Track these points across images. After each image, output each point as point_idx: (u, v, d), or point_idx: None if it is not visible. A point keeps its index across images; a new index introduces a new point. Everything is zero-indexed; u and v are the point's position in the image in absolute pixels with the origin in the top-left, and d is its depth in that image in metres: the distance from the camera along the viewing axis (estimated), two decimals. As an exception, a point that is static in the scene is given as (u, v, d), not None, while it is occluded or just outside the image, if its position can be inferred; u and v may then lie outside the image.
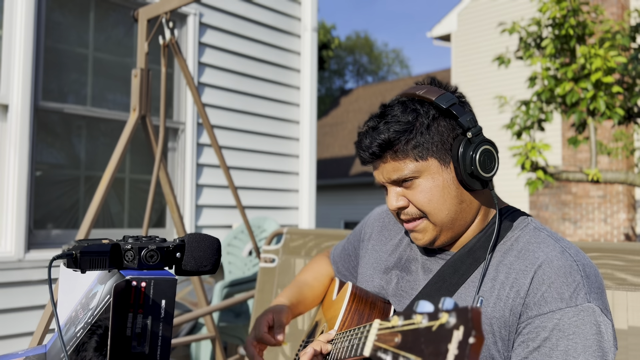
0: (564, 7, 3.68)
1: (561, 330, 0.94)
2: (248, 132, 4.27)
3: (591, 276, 1.00)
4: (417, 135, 1.04)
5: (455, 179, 1.06)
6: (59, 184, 3.38)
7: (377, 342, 0.69)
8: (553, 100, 3.85)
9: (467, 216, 1.08)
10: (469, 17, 11.24)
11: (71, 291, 0.98)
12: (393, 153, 1.05)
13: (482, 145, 1.04)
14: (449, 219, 1.06)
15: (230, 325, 3.27)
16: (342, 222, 14.36)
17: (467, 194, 1.07)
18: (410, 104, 1.06)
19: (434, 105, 1.05)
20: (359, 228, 1.42)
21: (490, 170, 1.05)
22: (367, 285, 1.25)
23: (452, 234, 1.09)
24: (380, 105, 1.11)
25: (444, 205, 1.05)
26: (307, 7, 4.67)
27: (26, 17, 3.09)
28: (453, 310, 0.59)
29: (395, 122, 1.04)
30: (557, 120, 7.94)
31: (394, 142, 1.04)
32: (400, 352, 0.63)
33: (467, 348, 0.55)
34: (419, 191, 1.06)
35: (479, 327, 0.56)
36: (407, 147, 1.04)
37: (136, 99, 2.33)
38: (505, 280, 1.02)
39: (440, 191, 1.05)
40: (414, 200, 1.07)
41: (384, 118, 1.06)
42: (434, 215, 1.06)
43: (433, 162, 1.05)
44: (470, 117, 1.04)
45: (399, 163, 1.05)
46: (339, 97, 18.56)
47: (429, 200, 1.05)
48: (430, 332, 0.60)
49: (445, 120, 1.05)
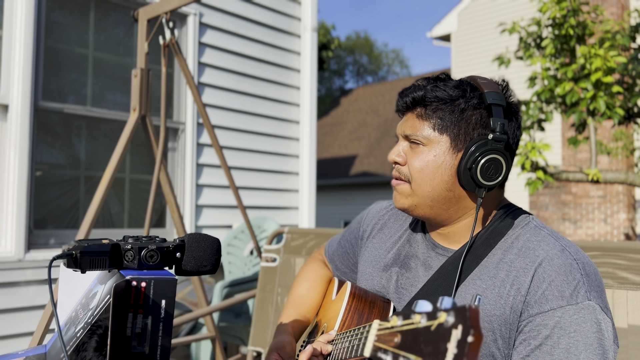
0: (564, 7, 3.68)
1: (562, 328, 0.95)
2: (248, 132, 4.27)
3: (591, 274, 1.01)
4: (447, 110, 1.06)
5: (455, 168, 1.07)
6: (59, 184, 3.38)
7: (377, 343, 0.69)
8: (553, 100, 3.85)
9: (451, 206, 1.09)
10: (469, 17, 11.24)
11: (71, 291, 0.98)
12: (421, 111, 1.09)
13: (494, 153, 1.04)
14: (429, 197, 1.08)
15: (230, 325, 3.27)
16: (342, 222, 14.36)
17: (459, 187, 1.08)
18: (465, 84, 1.09)
19: (481, 96, 1.07)
20: (355, 224, 1.41)
21: (490, 179, 1.04)
22: (367, 284, 1.25)
23: (431, 212, 1.10)
24: (443, 72, 1.15)
25: (431, 181, 1.07)
26: (307, 7, 4.67)
27: (26, 17, 3.09)
28: (451, 310, 0.59)
29: (442, 89, 1.07)
30: (557, 120, 7.94)
31: (427, 103, 1.07)
32: (400, 352, 0.63)
33: (466, 347, 0.55)
34: (418, 157, 1.08)
35: (477, 325, 0.56)
36: (433, 114, 1.07)
37: (136, 99, 2.33)
38: (506, 278, 1.03)
39: (434, 168, 1.07)
40: (410, 161, 1.09)
41: (437, 82, 1.10)
42: (417, 184, 1.08)
43: (445, 140, 1.06)
44: (503, 123, 1.04)
45: (419, 122, 1.08)
46: (339, 97, 18.56)
47: (421, 169, 1.07)
48: (429, 332, 0.60)
49: (482, 115, 1.07)
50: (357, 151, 14.94)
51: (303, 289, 1.41)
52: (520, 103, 3.98)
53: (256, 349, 2.21)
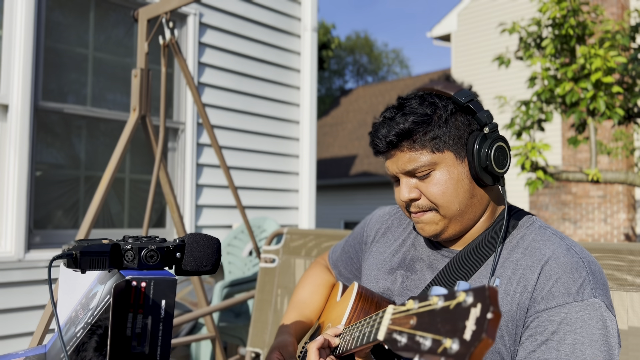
0: (564, 7, 3.68)
1: (568, 324, 0.96)
2: (248, 132, 4.27)
3: (596, 273, 1.02)
4: (435, 128, 1.06)
5: (469, 174, 1.07)
6: (59, 184, 3.38)
7: (392, 326, 0.69)
8: (553, 100, 3.85)
9: (477, 211, 1.10)
10: (469, 17, 11.24)
11: (71, 291, 0.98)
12: (410, 143, 1.06)
13: (497, 142, 1.07)
14: (459, 213, 1.08)
15: (230, 325, 3.27)
16: (342, 222, 14.35)
17: (478, 189, 1.09)
18: (429, 98, 1.09)
19: (452, 100, 1.08)
20: (359, 230, 1.42)
21: (503, 166, 1.07)
22: (372, 287, 1.25)
23: (460, 227, 1.10)
24: (397, 98, 1.13)
25: (456, 198, 1.07)
26: (307, 7, 4.67)
27: (26, 17, 3.09)
28: (470, 290, 0.59)
29: (413, 113, 1.06)
30: (557, 120, 7.94)
31: (413, 132, 1.06)
32: (416, 332, 0.63)
33: (485, 323, 0.55)
34: (434, 183, 1.07)
35: (496, 303, 0.56)
36: (425, 138, 1.06)
37: (136, 99, 2.33)
38: (512, 276, 1.04)
39: (454, 184, 1.06)
40: (427, 192, 1.07)
41: (401, 109, 1.08)
42: (445, 208, 1.07)
43: (449, 155, 1.07)
44: (487, 114, 1.07)
45: (415, 153, 1.06)
46: (339, 97, 18.56)
47: (443, 193, 1.06)
48: (448, 311, 0.60)
49: (463, 116, 1.08)
50: (357, 151, 14.94)
51: (306, 293, 1.40)
52: (521, 103, 3.98)
53: (255, 349, 2.21)
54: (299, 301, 1.40)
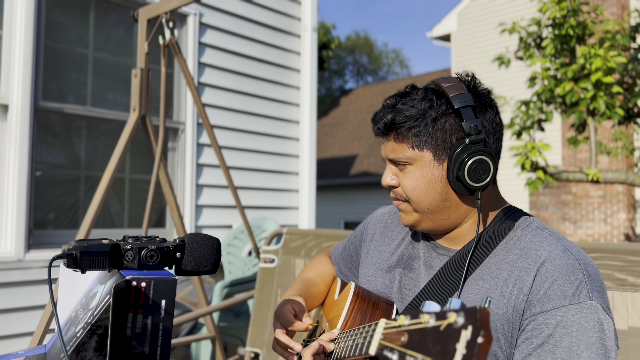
0: (564, 7, 3.68)
1: (564, 327, 0.95)
2: (248, 132, 4.27)
3: (593, 275, 1.01)
4: (420, 125, 1.06)
5: (445, 178, 1.08)
6: (59, 184, 3.38)
7: (383, 341, 0.69)
8: (553, 100, 3.85)
9: (451, 214, 1.10)
10: (469, 17, 11.24)
11: (71, 291, 0.98)
12: (395, 134, 1.09)
13: (478, 155, 1.04)
14: (429, 211, 1.10)
15: (230, 325, 3.27)
16: (342, 222, 14.35)
17: (453, 195, 1.09)
18: (431, 93, 1.09)
19: (448, 101, 1.07)
20: (360, 229, 1.43)
21: (479, 180, 1.05)
22: (370, 285, 1.25)
23: (433, 224, 1.11)
24: (409, 85, 1.14)
25: (426, 197, 1.08)
26: (307, 7, 4.67)
27: (26, 17, 3.09)
28: (461, 310, 0.59)
29: (410, 106, 1.07)
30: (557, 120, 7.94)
31: (398, 125, 1.08)
32: (407, 351, 0.63)
33: (475, 348, 0.55)
34: (408, 177, 1.10)
35: (487, 327, 0.55)
36: (408, 133, 1.07)
37: (136, 99, 2.33)
38: (508, 278, 1.03)
39: (425, 184, 1.08)
40: (402, 183, 1.11)
41: (403, 98, 1.10)
42: (415, 203, 1.10)
43: (427, 155, 1.07)
44: (475, 124, 1.04)
45: (398, 145, 1.09)
46: (339, 97, 18.56)
47: (413, 188, 1.09)
48: (438, 332, 0.60)
49: (454, 119, 1.06)
50: (357, 151, 14.94)
51: (312, 274, 1.41)
52: (521, 103, 3.98)
53: (254, 349, 2.21)
54: (305, 278, 1.39)
